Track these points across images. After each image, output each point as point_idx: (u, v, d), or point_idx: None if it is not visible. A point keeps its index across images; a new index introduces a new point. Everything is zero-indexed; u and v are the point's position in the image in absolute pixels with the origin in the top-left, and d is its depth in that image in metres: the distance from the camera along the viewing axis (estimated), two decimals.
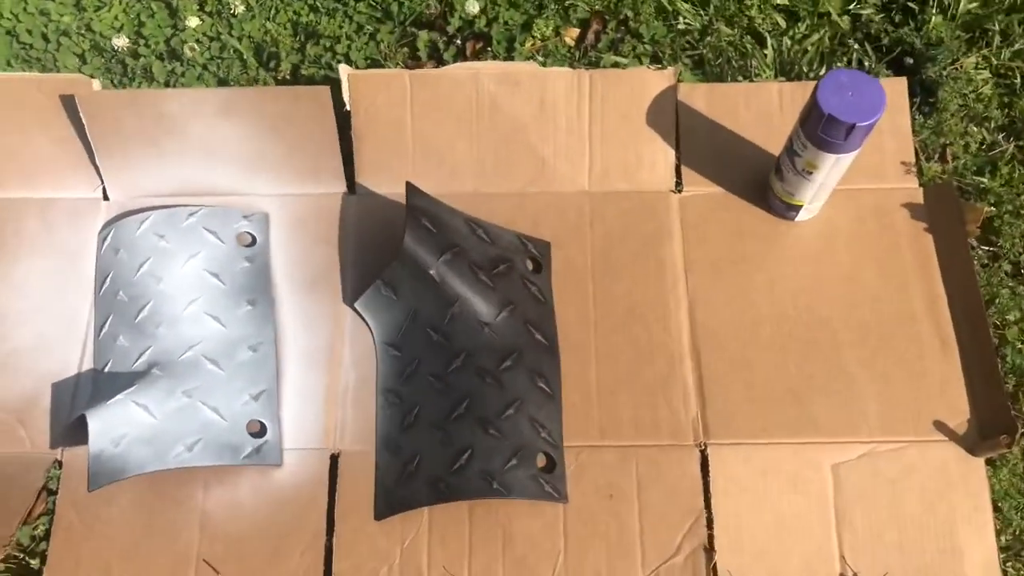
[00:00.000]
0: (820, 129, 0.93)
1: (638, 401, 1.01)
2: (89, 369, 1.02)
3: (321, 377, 1.03)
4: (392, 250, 1.01)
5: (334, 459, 0.99)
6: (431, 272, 1.00)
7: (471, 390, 0.99)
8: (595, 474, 0.98)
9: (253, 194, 1.11)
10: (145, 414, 0.95)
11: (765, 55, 1.22)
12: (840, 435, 0.99)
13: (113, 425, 0.94)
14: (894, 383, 1.01)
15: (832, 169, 0.98)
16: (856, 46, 1.22)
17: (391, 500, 0.96)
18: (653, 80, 1.11)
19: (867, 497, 0.96)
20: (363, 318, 1.04)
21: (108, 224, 1.09)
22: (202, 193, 1.10)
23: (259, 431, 0.99)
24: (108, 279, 1.05)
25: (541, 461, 0.98)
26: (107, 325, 1.03)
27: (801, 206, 1.05)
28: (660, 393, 1.01)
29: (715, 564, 0.94)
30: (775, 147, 1.09)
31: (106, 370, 1.00)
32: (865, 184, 1.10)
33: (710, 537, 0.96)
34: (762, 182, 1.09)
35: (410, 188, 1.01)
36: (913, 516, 0.96)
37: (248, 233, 1.08)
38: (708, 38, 1.23)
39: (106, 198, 1.11)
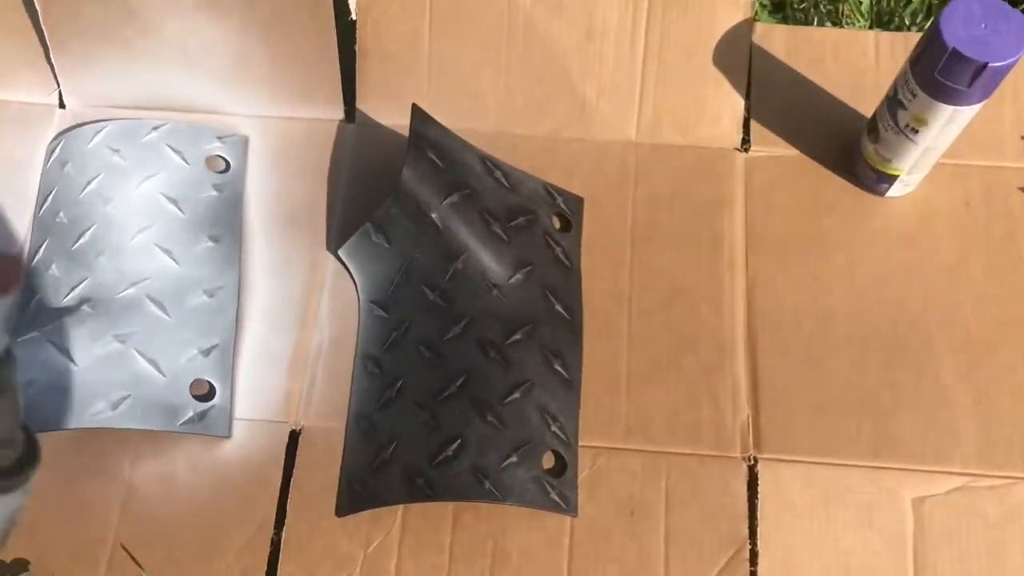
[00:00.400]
0: (939, 70, 0.73)
1: (676, 397, 0.81)
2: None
3: (289, 335, 0.84)
4: (392, 192, 0.82)
5: (294, 436, 0.80)
6: (432, 216, 0.81)
7: (469, 365, 0.79)
8: (615, 483, 0.78)
9: (233, 113, 0.93)
10: (63, 359, 0.77)
11: (860, 1, 1.01)
12: (927, 462, 0.79)
13: (22, 367, 0.75)
14: (999, 403, 0.80)
15: (946, 126, 0.78)
16: None
17: (358, 493, 0.77)
18: (725, 13, 0.92)
19: (957, 542, 0.76)
20: (347, 268, 0.85)
21: (60, 135, 0.91)
22: (175, 108, 0.93)
23: (205, 394, 0.81)
24: (50, 197, 0.87)
25: (549, 461, 0.78)
26: (41, 251, 0.85)
27: (897, 176, 0.85)
28: (704, 390, 0.81)
29: None
30: (867, 107, 0.89)
31: (31, 304, 0.82)
32: (975, 159, 0.89)
33: (752, 574, 0.75)
34: (848, 146, 0.89)
35: (416, 112, 0.82)
36: (1017, 570, 0.75)
37: (221, 157, 0.90)
38: None
39: (62, 105, 0.94)
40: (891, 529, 0.77)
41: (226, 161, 0.90)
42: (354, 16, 0.91)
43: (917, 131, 0.79)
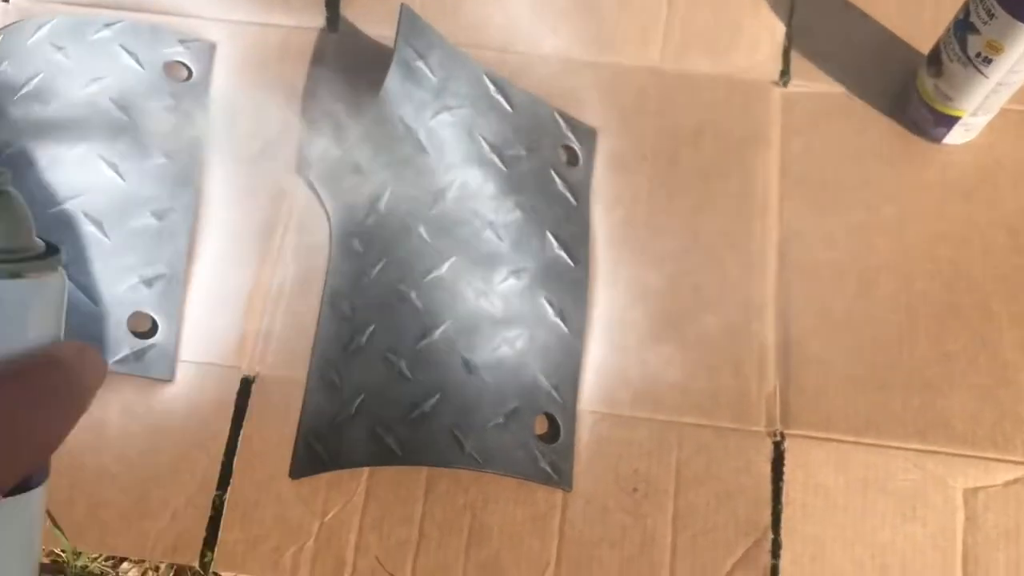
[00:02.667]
0: None
1: (692, 360, 0.70)
2: None
3: (248, 270, 0.72)
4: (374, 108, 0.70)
5: (247, 384, 0.69)
6: (419, 137, 0.70)
7: (453, 309, 0.68)
8: (617, 455, 0.67)
9: (199, 16, 0.81)
10: None
11: None
12: (983, 448, 0.67)
13: None
14: None
15: None
16: None
17: (317, 453, 0.66)
18: None
19: (1016, 542, 0.65)
20: (319, 196, 0.74)
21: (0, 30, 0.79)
22: (133, 7, 0.81)
23: (147, 331, 0.69)
24: None
25: (541, 425, 0.67)
26: None
27: (958, 119, 0.73)
28: (725, 353, 0.70)
29: None
30: (923, 42, 0.77)
31: None
32: None
33: (774, 568, 0.64)
34: (900, 85, 0.78)
35: (406, 13, 0.71)
36: None
37: (182, 64, 0.78)
38: None
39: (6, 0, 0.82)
40: (938, 523, 0.65)
41: (188, 68, 0.78)
42: None
43: (990, 61, 0.67)
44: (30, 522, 0.36)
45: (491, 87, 0.73)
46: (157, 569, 0.68)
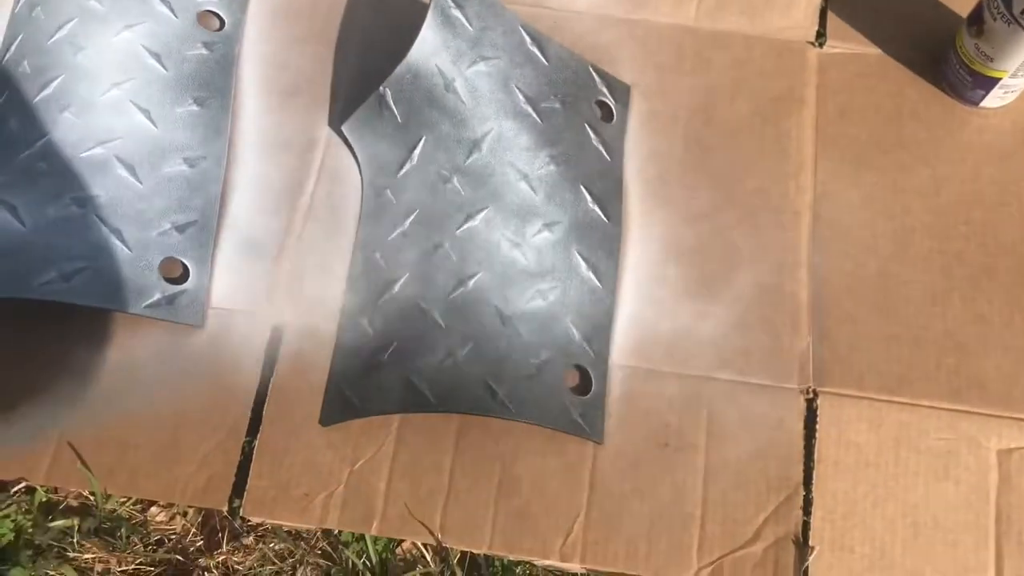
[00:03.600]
0: None
1: (725, 316, 0.69)
2: None
3: (279, 218, 0.72)
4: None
5: (277, 331, 0.69)
6: (455, 86, 0.69)
7: (487, 260, 0.68)
8: (648, 409, 0.67)
9: None
10: (9, 217, 0.65)
11: None
12: (1017, 408, 0.67)
13: None
14: None
15: None
16: None
17: (347, 400, 0.66)
18: None
19: None
20: (350, 146, 0.73)
21: None
22: None
23: (178, 276, 0.69)
24: (15, 45, 0.75)
25: (573, 378, 0.67)
26: (0, 103, 0.73)
27: (999, 80, 0.73)
28: (759, 310, 0.70)
29: (807, 567, 0.63)
30: (960, 4, 0.77)
31: None
32: None
33: (805, 525, 0.64)
34: (937, 47, 0.77)
35: None
36: None
37: (214, 13, 0.78)
38: None
39: None
40: (970, 482, 0.65)
41: (221, 18, 0.78)
42: None
43: None
44: None
45: (527, 39, 0.72)
46: (185, 514, 0.68)
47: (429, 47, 0.68)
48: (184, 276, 0.69)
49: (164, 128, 0.72)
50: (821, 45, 0.78)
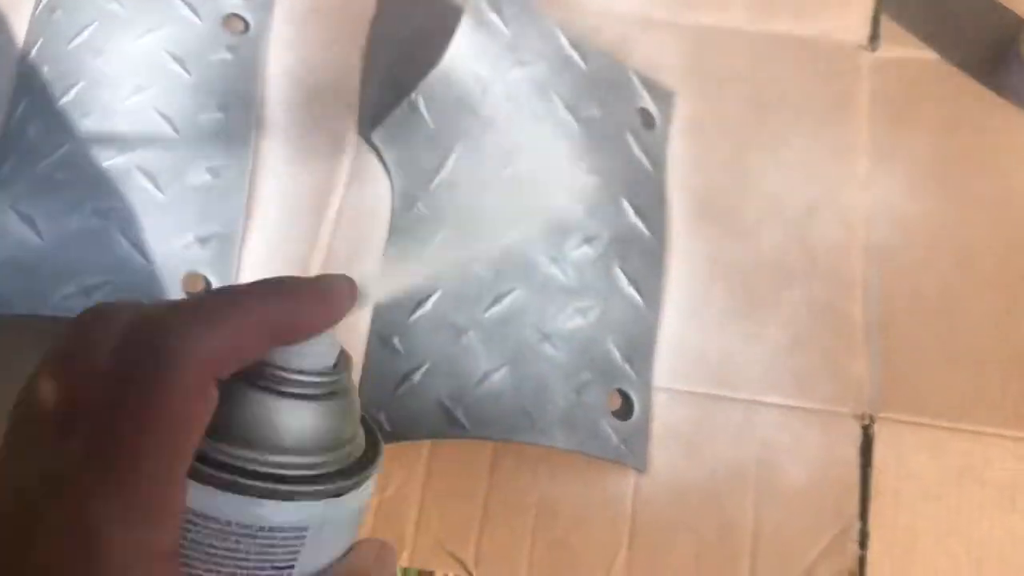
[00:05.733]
0: None
1: (775, 337, 0.66)
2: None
3: (305, 232, 0.69)
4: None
5: None
6: (491, 93, 0.66)
7: (524, 276, 0.64)
8: (695, 435, 0.64)
9: None
10: (27, 230, 0.63)
11: None
12: None
13: None
14: None
15: None
16: None
17: (378, 422, 0.62)
18: None
19: None
20: (380, 155, 0.70)
21: None
22: None
23: (201, 291, 0.66)
24: (36, 48, 0.72)
25: (615, 401, 0.63)
26: (20, 110, 0.70)
27: None
28: (810, 329, 0.66)
29: None
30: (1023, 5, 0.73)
31: (2, 173, 0.68)
32: None
33: (861, 560, 0.60)
34: (998, 51, 0.73)
35: None
36: None
37: (240, 17, 0.75)
38: None
39: None
40: None
41: (246, 21, 0.75)
42: None
43: None
44: None
45: (565, 43, 0.69)
46: None
47: (464, 52, 0.65)
48: (206, 291, 0.66)
49: (187, 136, 0.69)
50: (874, 49, 0.74)
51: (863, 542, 0.61)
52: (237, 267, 0.67)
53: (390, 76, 0.73)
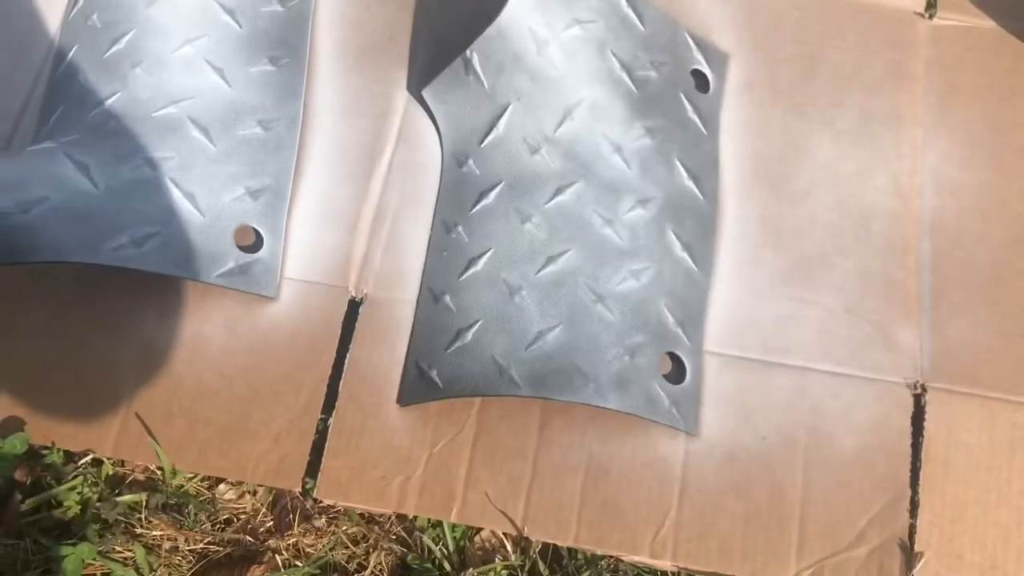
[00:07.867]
0: None
1: (828, 306, 0.65)
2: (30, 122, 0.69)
3: (355, 187, 0.69)
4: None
5: (354, 305, 0.65)
6: (548, 50, 0.65)
7: (578, 236, 0.64)
8: (746, 400, 0.64)
9: None
10: (82, 177, 0.62)
11: None
12: None
13: (30, 180, 0.61)
14: None
15: None
16: None
17: (428, 380, 0.62)
18: None
19: None
20: (430, 113, 0.69)
21: None
22: None
23: (252, 244, 0.66)
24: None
25: (666, 365, 0.63)
26: (68, 59, 0.70)
27: None
28: (864, 299, 0.65)
29: (914, 574, 0.59)
30: None
31: (52, 118, 0.68)
32: None
33: (911, 528, 0.60)
34: None
35: None
36: None
37: None
38: None
39: None
40: None
41: None
42: None
43: None
44: None
45: (623, 2, 0.68)
46: (255, 493, 0.65)
47: (522, 8, 0.64)
48: (258, 244, 0.66)
49: (238, 88, 0.69)
50: (931, 16, 0.74)
51: (913, 510, 0.61)
52: (287, 221, 0.67)
53: (440, 31, 0.72)
